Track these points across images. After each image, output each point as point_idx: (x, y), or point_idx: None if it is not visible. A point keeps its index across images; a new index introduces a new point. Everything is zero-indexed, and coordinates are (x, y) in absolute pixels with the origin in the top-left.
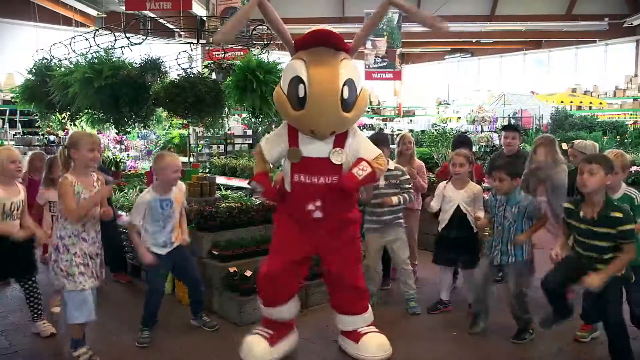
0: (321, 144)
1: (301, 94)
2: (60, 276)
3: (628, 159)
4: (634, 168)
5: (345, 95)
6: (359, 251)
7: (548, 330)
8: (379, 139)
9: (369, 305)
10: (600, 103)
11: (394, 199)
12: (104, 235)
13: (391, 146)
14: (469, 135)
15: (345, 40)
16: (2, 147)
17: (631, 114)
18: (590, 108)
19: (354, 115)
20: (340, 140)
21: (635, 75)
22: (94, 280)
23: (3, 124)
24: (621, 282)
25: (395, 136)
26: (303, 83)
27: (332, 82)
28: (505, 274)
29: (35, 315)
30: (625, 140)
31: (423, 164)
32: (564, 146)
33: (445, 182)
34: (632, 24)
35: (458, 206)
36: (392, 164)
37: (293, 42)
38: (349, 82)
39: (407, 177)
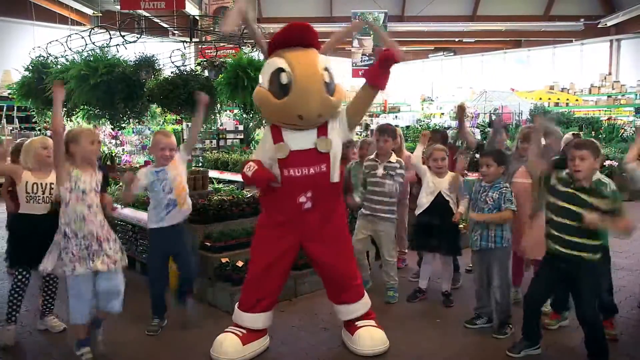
0: (306, 136)
1: (284, 81)
2: (69, 261)
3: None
4: (607, 162)
5: (327, 79)
6: (349, 239)
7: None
8: (384, 130)
9: (365, 291)
10: (577, 100)
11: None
12: None
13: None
14: (449, 131)
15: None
16: (36, 137)
17: (605, 111)
18: (567, 104)
19: (337, 100)
20: (323, 129)
21: (609, 74)
22: (101, 264)
23: (0, 119)
24: (598, 275)
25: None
26: (285, 71)
27: (314, 65)
28: (488, 264)
29: (47, 310)
30: (600, 135)
31: (411, 155)
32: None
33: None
34: (606, 24)
35: (440, 193)
36: (394, 157)
37: (267, 46)
38: (328, 69)
39: (402, 171)
